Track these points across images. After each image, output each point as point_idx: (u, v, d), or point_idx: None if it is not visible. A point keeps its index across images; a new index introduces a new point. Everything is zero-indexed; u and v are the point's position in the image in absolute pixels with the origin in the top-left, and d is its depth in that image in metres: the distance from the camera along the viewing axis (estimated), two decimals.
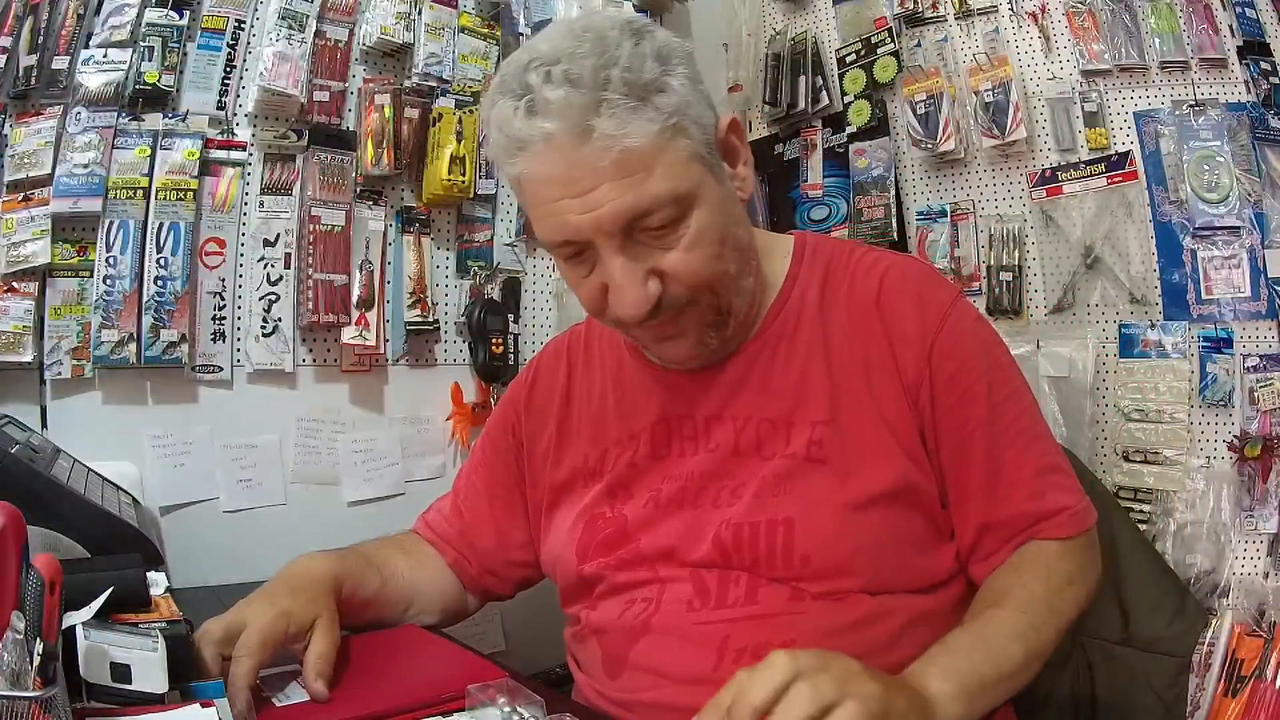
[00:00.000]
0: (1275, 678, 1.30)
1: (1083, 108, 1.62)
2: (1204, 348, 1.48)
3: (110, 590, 0.74)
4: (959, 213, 1.77)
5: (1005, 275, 1.70)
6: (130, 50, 1.37)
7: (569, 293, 1.78)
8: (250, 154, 1.50)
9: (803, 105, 1.98)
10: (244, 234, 1.50)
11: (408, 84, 1.65)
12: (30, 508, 0.68)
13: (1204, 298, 1.50)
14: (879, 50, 1.86)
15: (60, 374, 1.33)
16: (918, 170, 1.85)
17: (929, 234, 1.81)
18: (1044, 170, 1.66)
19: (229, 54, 1.47)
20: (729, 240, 0.88)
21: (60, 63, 1.33)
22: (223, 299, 1.47)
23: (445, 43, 1.68)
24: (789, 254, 1.00)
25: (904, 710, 0.68)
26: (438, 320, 1.69)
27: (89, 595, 0.72)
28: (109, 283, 1.35)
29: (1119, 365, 1.57)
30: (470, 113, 1.69)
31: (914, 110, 1.79)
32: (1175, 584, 1.35)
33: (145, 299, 1.38)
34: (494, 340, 1.69)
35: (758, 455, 0.92)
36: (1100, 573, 0.95)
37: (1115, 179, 1.58)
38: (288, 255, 1.53)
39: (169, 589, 0.90)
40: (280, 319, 1.52)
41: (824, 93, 1.97)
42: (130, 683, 0.67)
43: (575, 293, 0.91)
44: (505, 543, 1.11)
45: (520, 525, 1.11)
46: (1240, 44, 1.49)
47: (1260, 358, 1.44)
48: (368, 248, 1.60)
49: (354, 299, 1.57)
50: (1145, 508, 1.50)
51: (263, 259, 1.51)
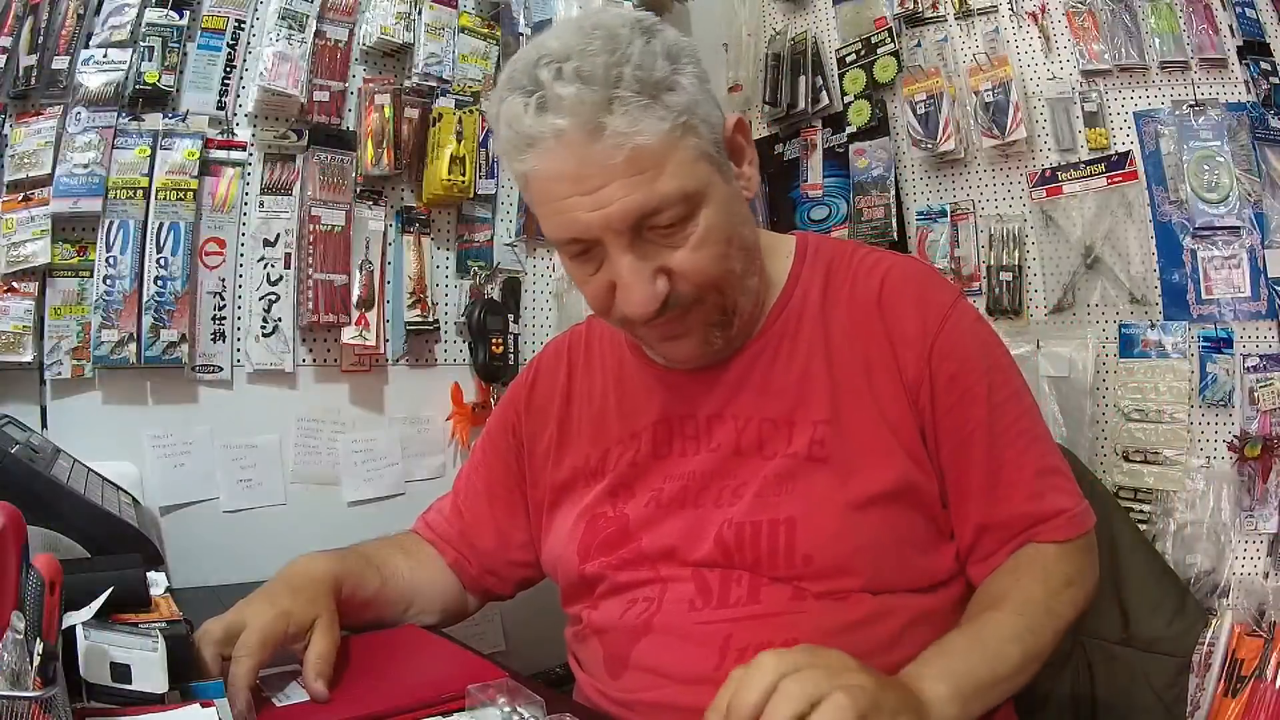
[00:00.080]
0: (1275, 678, 1.30)
1: (1083, 108, 1.62)
2: (1204, 348, 1.49)
3: (110, 590, 0.73)
4: (959, 213, 1.77)
5: (1005, 275, 1.70)
6: (130, 50, 1.37)
7: (569, 293, 1.78)
8: (250, 154, 1.50)
9: (803, 105, 1.98)
10: (244, 234, 1.50)
11: (408, 84, 1.65)
12: (30, 508, 0.68)
13: (1204, 298, 1.50)
14: (879, 50, 1.86)
15: (60, 374, 1.33)
16: (918, 170, 1.85)
17: (929, 234, 1.81)
18: (1044, 170, 1.66)
19: (229, 54, 1.47)
20: (736, 239, 0.88)
21: (60, 63, 1.33)
22: (223, 299, 1.47)
23: (445, 43, 1.68)
24: (791, 254, 1.00)
25: (895, 707, 0.68)
26: (438, 320, 1.69)
27: (89, 595, 0.71)
28: (109, 283, 1.35)
29: (1119, 365, 1.57)
30: (470, 113, 1.69)
31: (914, 110, 1.79)
32: (1175, 584, 1.35)
33: (145, 299, 1.38)
34: (494, 340, 1.69)
35: (759, 455, 0.92)
36: (1099, 575, 0.95)
37: (1115, 179, 1.58)
38: (288, 255, 1.53)
39: (169, 589, 0.90)
40: (280, 319, 1.52)
41: (824, 93, 1.97)
42: (130, 683, 0.67)
43: (581, 291, 0.91)
44: (505, 543, 1.11)
45: (521, 525, 1.11)
46: (1240, 44, 1.49)
47: (1260, 358, 1.44)
48: (368, 248, 1.60)
49: (354, 299, 1.57)
50: (1145, 508, 1.51)
51: (263, 259, 1.51)
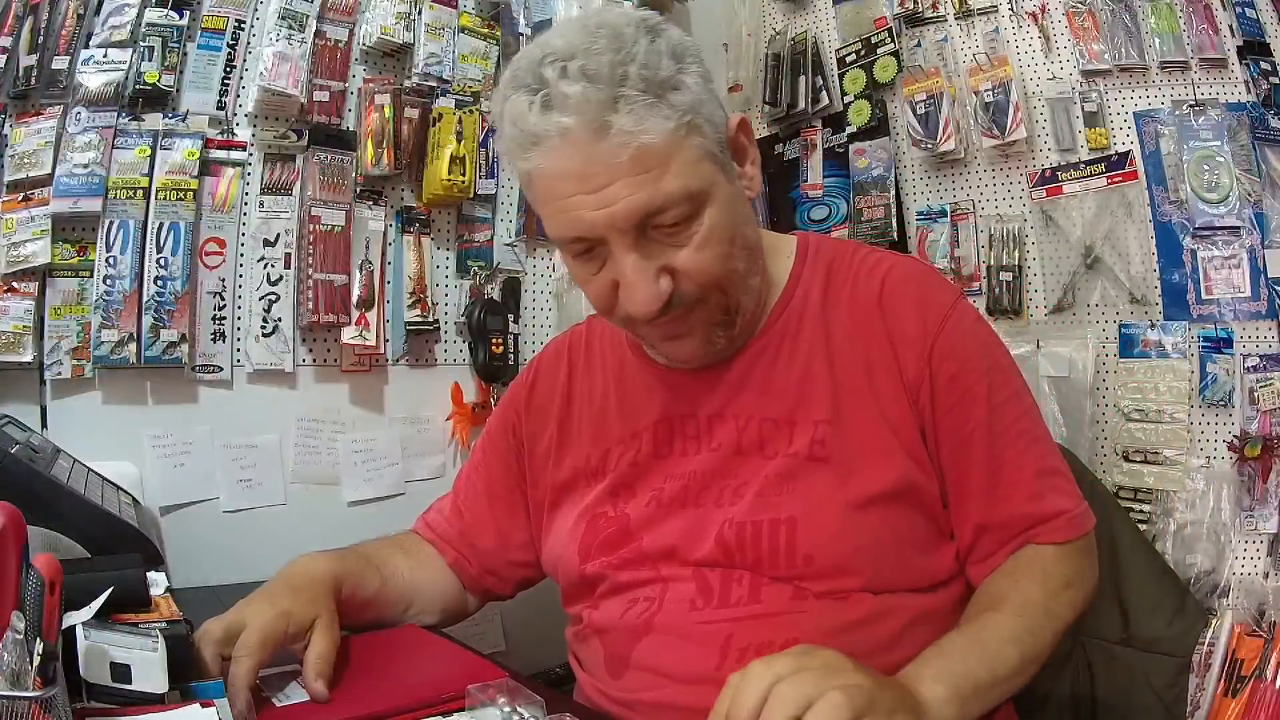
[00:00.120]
0: (1275, 678, 1.30)
1: (1083, 108, 1.62)
2: (1204, 348, 1.48)
3: (110, 590, 0.73)
4: (959, 213, 1.77)
5: (1005, 275, 1.70)
6: (130, 50, 1.37)
7: (569, 293, 1.78)
8: (250, 154, 1.50)
9: (803, 105, 1.98)
10: (244, 234, 1.50)
11: (408, 84, 1.65)
12: (30, 508, 0.68)
13: (1204, 298, 1.50)
14: (879, 50, 1.86)
15: (60, 374, 1.33)
16: (918, 170, 1.85)
17: (929, 234, 1.81)
18: (1044, 170, 1.66)
19: (229, 54, 1.47)
20: (739, 239, 0.88)
21: (60, 63, 1.33)
22: (223, 299, 1.47)
23: (445, 43, 1.68)
24: (792, 254, 1.00)
25: (892, 705, 0.68)
26: (438, 320, 1.69)
27: (89, 595, 0.71)
28: (109, 283, 1.35)
29: (1119, 365, 1.57)
30: (470, 113, 1.69)
31: (914, 110, 1.79)
32: (1175, 584, 1.35)
33: (145, 299, 1.38)
34: (494, 340, 1.69)
35: (760, 454, 0.92)
36: (1098, 576, 0.95)
37: (1115, 179, 1.58)
38: (288, 255, 1.53)
39: (169, 589, 0.90)
40: (280, 319, 1.52)
41: (824, 93, 1.97)
42: (130, 683, 0.67)
43: (583, 290, 0.91)
44: (506, 543, 1.11)
45: (521, 525, 1.11)
46: (1240, 44, 1.49)
47: (1260, 358, 1.44)
48: (368, 248, 1.60)
49: (354, 299, 1.57)
50: (1145, 508, 1.51)
51: (263, 259, 1.51)
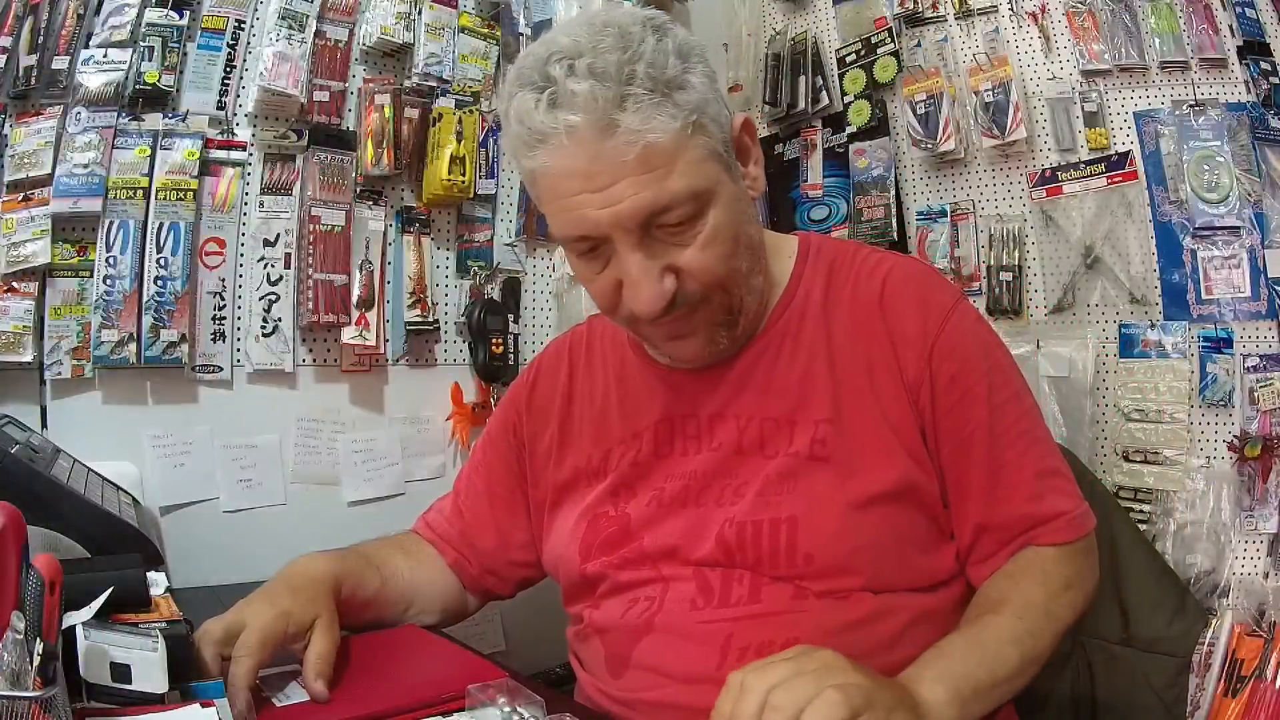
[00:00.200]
0: (1275, 678, 1.30)
1: (1083, 108, 1.62)
2: (1204, 348, 1.49)
3: (110, 590, 0.73)
4: (959, 213, 1.77)
5: (1005, 275, 1.70)
6: (130, 50, 1.37)
7: (569, 292, 1.78)
8: (250, 154, 1.50)
9: (803, 105, 1.98)
10: (244, 234, 1.50)
11: (408, 84, 1.65)
12: (30, 508, 0.68)
13: (1204, 298, 1.50)
14: (879, 50, 1.86)
15: (60, 374, 1.32)
16: (918, 170, 1.85)
17: (929, 234, 1.81)
18: (1044, 170, 1.66)
19: (229, 54, 1.47)
20: (742, 239, 0.88)
21: (60, 63, 1.33)
22: (223, 299, 1.47)
23: (445, 43, 1.68)
24: (793, 254, 1.01)
25: (891, 705, 0.68)
26: (438, 320, 1.69)
27: (89, 595, 0.71)
28: (109, 283, 1.35)
29: (1119, 365, 1.57)
30: (470, 113, 1.69)
31: (914, 110, 1.79)
32: (1175, 584, 1.35)
33: (145, 299, 1.38)
34: (494, 340, 1.69)
35: (761, 454, 0.92)
36: (1098, 577, 0.95)
37: (1115, 179, 1.58)
38: (288, 255, 1.53)
39: (169, 589, 0.90)
40: (280, 319, 1.52)
41: (824, 93, 1.97)
42: (130, 683, 0.67)
43: (587, 289, 0.91)
44: (506, 543, 1.11)
45: (521, 525, 1.11)
46: (1240, 44, 1.49)
47: (1260, 358, 1.44)
48: (368, 248, 1.60)
49: (354, 299, 1.57)
50: (1145, 508, 1.51)
51: (263, 259, 1.51)
